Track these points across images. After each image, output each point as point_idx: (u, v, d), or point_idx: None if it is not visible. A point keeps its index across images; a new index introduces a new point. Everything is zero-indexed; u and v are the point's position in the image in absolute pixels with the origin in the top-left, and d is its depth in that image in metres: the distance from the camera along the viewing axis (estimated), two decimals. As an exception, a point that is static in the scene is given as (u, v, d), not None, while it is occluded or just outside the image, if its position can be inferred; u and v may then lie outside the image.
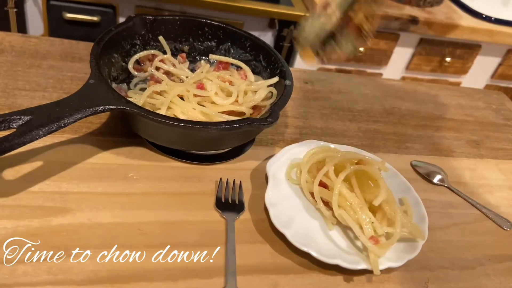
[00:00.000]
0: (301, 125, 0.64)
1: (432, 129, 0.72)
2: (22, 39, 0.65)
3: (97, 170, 0.48)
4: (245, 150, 0.56)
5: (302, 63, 1.42)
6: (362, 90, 0.77)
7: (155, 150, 0.52)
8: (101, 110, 0.44)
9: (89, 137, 0.52)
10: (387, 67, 1.53)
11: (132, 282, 0.39)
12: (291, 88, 0.55)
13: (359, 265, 0.43)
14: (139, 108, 0.45)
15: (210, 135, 0.48)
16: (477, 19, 1.49)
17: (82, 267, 0.39)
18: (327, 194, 0.48)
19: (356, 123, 0.68)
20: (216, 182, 0.51)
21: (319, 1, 0.50)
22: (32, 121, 0.41)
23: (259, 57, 0.62)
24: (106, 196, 0.46)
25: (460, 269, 0.49)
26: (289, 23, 1.31)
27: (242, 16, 1.27)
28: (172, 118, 0.45)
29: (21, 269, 0.37)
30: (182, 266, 0.41)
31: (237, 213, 0.47)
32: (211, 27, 0.64)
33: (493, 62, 1.61)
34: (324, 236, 0.47)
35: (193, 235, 0.44)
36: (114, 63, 0.56)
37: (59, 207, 0.43)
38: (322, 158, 0.51)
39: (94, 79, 0.47)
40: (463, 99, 0.84)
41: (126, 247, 0.41)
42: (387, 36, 1.42)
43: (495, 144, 0.73)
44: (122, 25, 0.58)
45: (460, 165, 0.66)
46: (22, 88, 0.56)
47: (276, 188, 0.49)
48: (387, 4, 1.40)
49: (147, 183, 0.48)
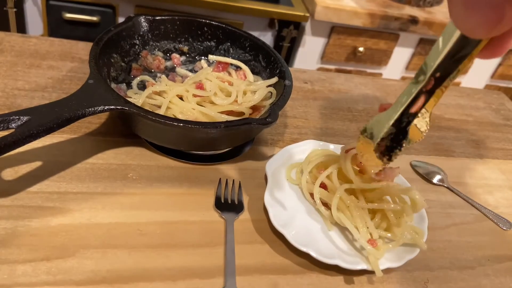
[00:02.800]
0: (301, 125, 0.64)
1: (432, 129, 0.72)
2: (22, 39, 0.65)
3: (96, 170, 0.48)
4: (244, 150, 0.56)
5: (302, 63, 1.42)
6: (362, 90, 0.77)
7: (155, 150, 0.52)
8: (100, 110, 0.44)
9: (88, 137, 0.52)
10: (387, 67, 1.53)
11: (132, 282, 0.39)
12: (291, 88, 0.55)
13: (359, 266, 0.43)
14: (138, 108, 0.45)
15: (209, 135, 0.48)
16: (477, 19, 1.49)
17: (82, 267, 0.39)
18: (326, 196, 0.48)
19: (356, 123, 0.68)
20: (216, 182, 0.50)
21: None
22: (31, 121, 0.41)
23: (258, 57, 0.62)
24: (106, 196, 0.46)
25: (460, 269, 0.49)
26: (289, 23, 1.31)
27: (242, 16, 1.27)
28: (171, 118, 0.45)
29: (21, 269, 0.37)
30: (181, 266, 0.41)
31: (237, 213, 0.47)
32: (210, 27, 0.64)
33: (493, 62, 1.61)
34: (323, 236, 0.46)
35: (192, 235, 0.44)
36: (113, 63, 0.56)
37: (58, 207, 0.43)
38: (326, 160, 0.51)
39: (93, 79, 0.47)
40: (463, 99, 0.84)
41: (126, 247, 0.41)
42: (387, 36, 1.42)
43: (495, 144, 0.73)
44: (122, 25, 0.58)
45: (460, 165, 0.66)
46: (21, 88, 0.56)
47: (275, 189, 0.49)
48: (387, 4, 1.40)
49: (146, 183, 0.48)
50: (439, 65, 0.31)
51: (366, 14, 1.32)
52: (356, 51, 1.42)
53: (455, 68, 0.31)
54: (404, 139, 0.37)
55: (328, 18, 1.31)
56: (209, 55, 0.64)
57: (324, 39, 1.40)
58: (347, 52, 1.43)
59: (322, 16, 1.29)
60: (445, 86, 0.33)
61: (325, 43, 1.41)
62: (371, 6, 1.36)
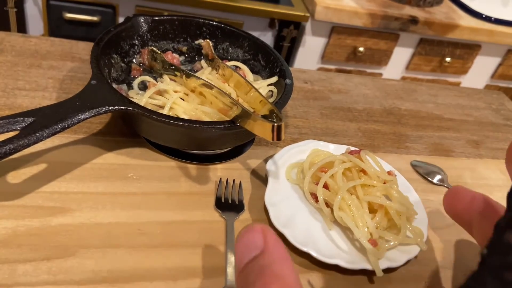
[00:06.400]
0: (301, 125, 0.64)
1: (432, 129, 0.72)
2: (22, 39, 0.65)
3: (96, 170, 0.48)
4: (244, 150, 0.56)
5: (302, 63, 1.42)
6: (362, 90, 0.77)
7: (155, 150, 0.52)
8: (104, 110, 0.44)
9: (88, 137, 0.52)
10: (387, 67, 1.53)
11: (132, 281, 0.39)
12: (291, 87, 0.55)
13: (359, 265, 0.43)
14: (142, 108, 0.45)
15: (213, 135, 0.48)
16: (477, 19, 1.49)
17: (82, 267, 0.39)
18: (328, 195, 0.48)
19: (356, 123, 0.68)
20: (216, 182, 0.51)
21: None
22: (36, 123, 0.41)
23: (257, 57, 0.63)
24: (106, 196, 0.46)
25: (460, 269, 0.49)
26: (289, 23, 1.31)
27: (242, 16, 1.28)
28: (176, 118, 0.46)
29: (21, 269, 0.37)
30: (182, 266, 0.41)
31: (237, 213, 0.47)
32: (209, 26, 0.64)
33: (493, 62, 1.62)
34: (324, 236, 0.46)
35: (193, 235, 0.44)
36: (114, 63, 0.56)
37: (59, 207, 0.43)
38: (329, 162, 0.50)
39: (96, 80, 0.47)
40: (463, 99, 0.84)
41: (126, 247, 0.41)
42: (387, 36, 1.42)
43: (495, 144, 0.73)
44: (121, 26, 0.58)
45: (460, 165, 0.66)
46: (22, 88, 0.56)
47: (276, 188, 0.49)
48: (387, 4, 1.40)
49: (147, 183, 0.48)
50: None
51: (366, 14, 1.32)
52: (356, 51, 1.43)
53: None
54: None
55: (328, 18, 1.31)
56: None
57: (324, 39, 1.40)
58: (347, 52, 1.43)
59: (322, 16, 1.29)
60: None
61: (325, 43, 1.41)
62: (371, 6, 1.36)
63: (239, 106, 0.47)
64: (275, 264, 0.25)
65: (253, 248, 0.26)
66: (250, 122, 0.45)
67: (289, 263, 0.26)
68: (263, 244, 0.26)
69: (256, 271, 0.25)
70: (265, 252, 0.26)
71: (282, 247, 0.26)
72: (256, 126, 0.44)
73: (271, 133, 0.42)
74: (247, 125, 0.45)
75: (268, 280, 0.24)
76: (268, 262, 0.25)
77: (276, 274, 0.25)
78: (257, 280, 0.24)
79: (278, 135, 0.42)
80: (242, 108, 0.46)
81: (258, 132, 0.44)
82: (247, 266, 0.26)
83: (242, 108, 0.46)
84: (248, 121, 0.45)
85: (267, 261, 0.25)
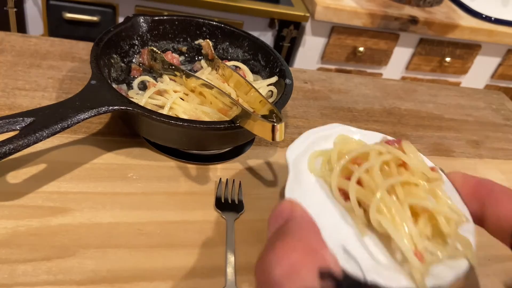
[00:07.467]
0: (301, 125, 0.64)
1: (432, 129, 0.72)
2: (22, 39, 0.65)
3: (96, 170, 0.48)
4: (244, 150, 0.56)
5: (302, 63, 1.43)
6: (362, 90, 0.77)
7: (155, 150, 0.52)
8: (104, 110, 0.44)
9: (88, 137, 0.52)
10: (387, 67, 1.53)
11: (132, 281, 0.39)
12: (291, 87, 0.55)
13: (400, 284, 0.33)
14: (142, 108, 0.45)
15: (213, 134, 0.48)
16: (477, 19, 1.49)
17: (82, 267, 0.39)
18: (362, 194, 0.37)
19: (356, 123, 0.68)
20: (216, 182, 0.51)
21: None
22: (35, 123, 0.41)
23: (257, 56, 0.63)
24: (106, 196, 0.46)
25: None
26: (289, 23, 1.31)
27: (242, 16, 1.28)
28: (175, 118, 0.46)
29: (21, 269, 0.37)
30: (182, 266, 0.41)
31: (237, 213, 0.47)
32: (209, 26, 0.64)
33: (493, 62, 1.62)
34: (355, 243, 0.36)
35: (192, 235, 0.44)
36: (114, 63, 0.56)
37: (58, 207, 0.43)
38: (364, 152, 0.40)
39: (95, 80, 0.47)
40: (463, 99, 0.84)
41: (126, 247, 0.41)
42: (387, 36, 1.42)
43: (495, 144, 0.73)
44: (121, 26, 0.58)
45: (460, 165, 0.66)
46: (22, 88, 0.56)
47: (298, 180, 0.40)
48: (387, 4, 1.40)
49: (146, 183, 0.48)
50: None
51: (366, 14, 1.32)
52: (356, 51, 1.43)
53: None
54: None
55: (328, 18, 1.31)
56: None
57: (324, 39, 1.40)
58: (347, 52, 1.43)
59: (322, 16, 1.29)
60: None
61: (325, 43, 1.41)
62: (371, 6, 1.36)
63: (239, 106, 0.47)
64: (300, 230, 0.26)
65: (280, 218, 0.28)
66: (250, 122, 0.45)
67: (315, 229, 0.27)
68: (290, 214, 0.27)
69: (280, 237, 0.26)
70: (290, 219, 0.27)
71: (308, 216, 0.27)
72: (256, 126, 0.44)
73: (271, 133, 0.42)
74: (247, 125, 0.45)
75: (291, 243, 0.25)
76: (293, 229, 0.26)
77: (300, 237, 0.26)
78: (278, 243, 0.25)
79: (278, 135, 0.42)
80: (242, 108, 0.46)
81: (258, 132, 0.44)
82: (273, 234, 0.27)
83: (242, 108, 0.46)
84: (248, 121, 0.45)
85: (292, 228, 0.26)
